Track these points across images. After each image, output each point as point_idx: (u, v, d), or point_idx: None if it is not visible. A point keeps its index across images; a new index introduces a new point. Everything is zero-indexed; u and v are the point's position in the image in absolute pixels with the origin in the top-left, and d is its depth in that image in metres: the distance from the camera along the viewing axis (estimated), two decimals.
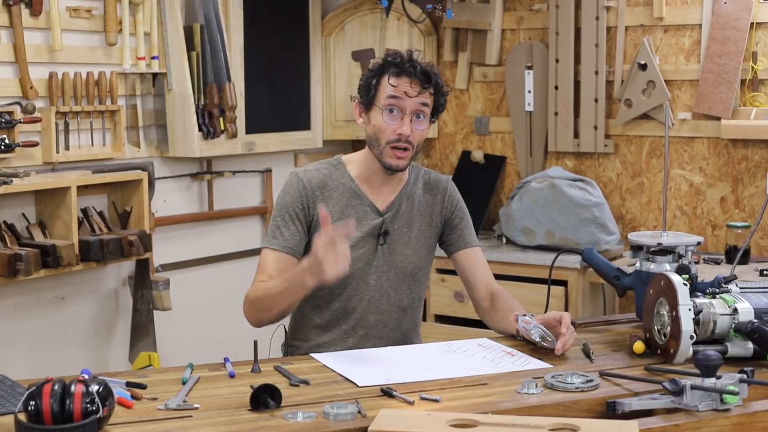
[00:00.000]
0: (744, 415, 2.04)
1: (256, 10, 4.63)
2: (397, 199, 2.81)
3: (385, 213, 2.78)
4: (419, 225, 2.83)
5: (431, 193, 2.88)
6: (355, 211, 2.75)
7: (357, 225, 2.72)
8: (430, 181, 2.90)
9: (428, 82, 2.70)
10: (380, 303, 2.78)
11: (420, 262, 2.83)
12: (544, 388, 2.20)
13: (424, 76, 2.69)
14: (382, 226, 2.77)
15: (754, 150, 4.41)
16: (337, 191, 2.76)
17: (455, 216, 2.89)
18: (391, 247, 2.78)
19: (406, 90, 2.68)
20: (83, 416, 1.83)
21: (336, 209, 2.73)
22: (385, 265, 2.77)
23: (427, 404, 2.11)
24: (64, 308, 3.98)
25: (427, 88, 2.70)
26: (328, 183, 2.76)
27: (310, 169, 2.79)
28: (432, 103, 2.73)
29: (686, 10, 4.50)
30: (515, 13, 4.92)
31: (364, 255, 2.74)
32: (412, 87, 2.68)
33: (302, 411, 2.03)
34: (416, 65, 2.70)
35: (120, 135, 4.04)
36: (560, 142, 4.81)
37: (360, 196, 2.77)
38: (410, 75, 2.68)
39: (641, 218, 4.71)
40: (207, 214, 4.59)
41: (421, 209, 2.84)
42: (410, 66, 2.69)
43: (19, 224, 3.74)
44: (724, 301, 2.45)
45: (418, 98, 2.69)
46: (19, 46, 3.68)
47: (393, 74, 2.69)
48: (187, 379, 2.27)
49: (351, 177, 2.79)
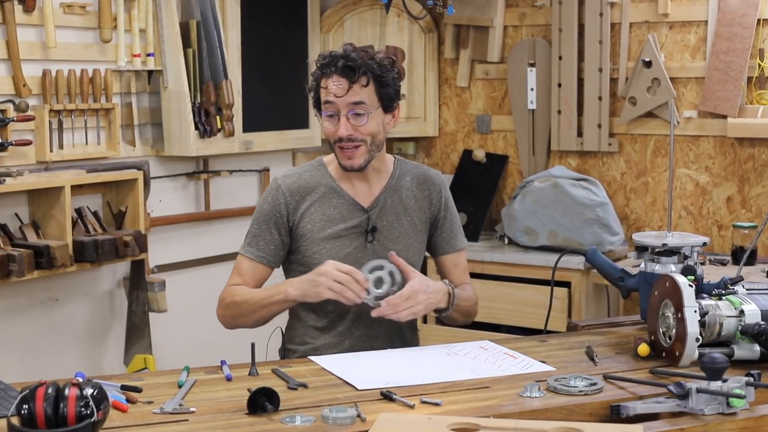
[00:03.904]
0: (751, 419, 2.04)
1: (253, 6, 4.62)
2: (382, 194, 2.78)
3: (370, 209, 2.76)
4: (410, 219, 2.81)
5: (421, 188, 2.84)
6: (338, 210, 2.74)
7: (341, 223, 2.73)
8: (420, 175, 2.86)
9: (353, 76, 2.62)
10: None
11: (413, 257, 2.80)
12: (547, 391, 2.20)
13: (346, 70, 2.62)
14: (369, 222, 2.75)
15: (761, 149, 4.40)
16: (319, 192, 2.75)
17: (443, 216, 2.87)
18: (381, 243, 2.75)
19: (334, 91, 2.63)
20: (77, 420, 1.82)
21: (318, 210, 2.73)
22: None
23: (427, 408, 2.10)
24: (58, 310, 3.97)
25: (356, 82, 2.62)
26: (309, 185, 2.76)
27: (290, 175, 2.79)
28: (370, 96, 2.65)
29: (692, 6, 4.50)
30: (518, 9, 4.92)
31: (352, 253, 2.73)
32: (338, 86, 2.63)
33: (301, 415, 2.03)
34: (337, 61, 2.63)
35: (115, 133, 4.04)
36: (563, 140, 4.80)
37: (342, 194, 2.76)
38: (334, 73, 2.63)
39: (646, 218, 4.70)
40: (203, 214, 4.58)
41: (410, 203, 2.81)
42: (332, 64, 2.64)
43: (12, 224, 3.73)
44: (731, 302, 2.44)
45: (347, 97, 2.63)
46: (12, 42, 3.66)
47: (324, 76, 2.66)
48: (183, 383, 2.27)
49: (332, 177, 2.78)
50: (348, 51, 2.65)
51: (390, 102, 2.70)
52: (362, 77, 2.62)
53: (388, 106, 2.70)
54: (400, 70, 2.76)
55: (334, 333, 2.76)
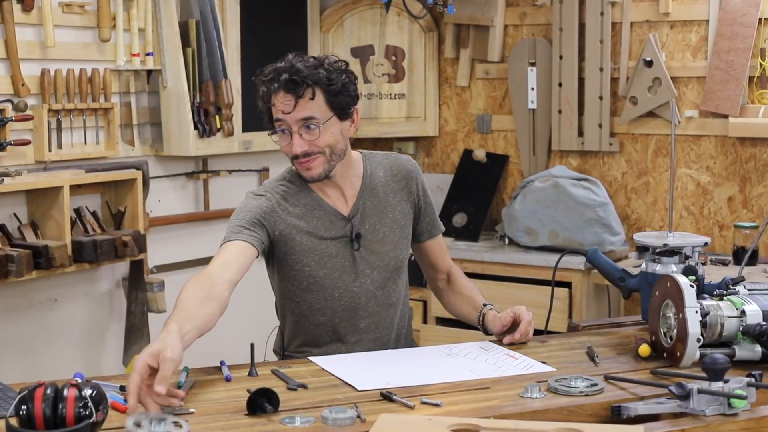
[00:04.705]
0: (752, 420, 2.03)
1: (252, 6, 4.62)
2: (360, 198, 2.69)
3: (351, 217, 2.67)
4: (392, 216, 2.73)
5: (396, 179, 2.75)
6: (321, 222, 2.64)
7: (326, 235, 2.63)
8: (392, 166, 2.76)
9: (299, 90, 2.48)
10: (369, 306, 2.70)
11: (401, 254, 2.74)
12: (548, 392, 2.19)
13: (290, 86, 2.49)
14: (352, 230, 2.66)
15: (762, 148, 4.39)
16: (299, 205, 2.64)
17: (424, 202, 2.80)
18: (367, 248, 2.68)
19: (281, 108, 2.51)
20: (76, 421, 1.82)
21: (302, 223, 2.62)
22: (367, 269, 2.68)
23: (427, 409, 2.09)
24: (57, 310, 3.96)
25: (302, 96, 2.49)
26: (290, 197, 2.64)
27: (270, 187, 2.66)
28: (320, 108, 2.52)
29: (693, 6, 4.49)
30: (518, 8, 4.91)
31: (339, 264, 2.65)
32: (285, 103, 2.50)
33: (300, 416, 2.02)
34: (280, 76, 2.49)
35: (114, 133, 4.03)
36: (564, 140, 4.79)
37: (323, 205, 2.65)
38: (279, 89, 2.50)
39: (647, 218, 4.69)
40: (203, 214, 4.57)
41: (389, 199, 2.73)
42: (275, 80, 2.50)
43: (11, 224, 3.72)
44: (732, 303, 2.43)
45: (296, 113, 2.50)
46: (11, 42, 3.66)
47: (270, 92, 2.54)
48: (183, 383, 2.26)
49: (309, 187, 2.66)
50: (293, 62, 2.52)
51: (344, 109, 2.57)
52: (307, 90, 2.49)
53: (343, 114, 2.57)
54: (352, 73, 2.60)
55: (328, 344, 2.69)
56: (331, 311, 2.67)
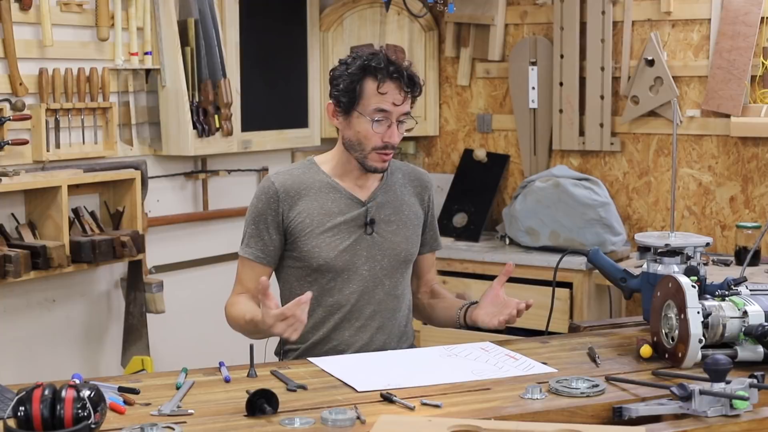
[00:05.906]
0: (754, 421, 2.04)
1: (252, 4, 4.61)
2: (379, 189, 2.80)
3: (368, 202, 2.77)
4: (407, 213, 2.84)
5: (413, 185, 2.89)
6: (336, 204, 2.74)
7: (339, 216, 2.73)
8: (410, 173, 2.91)
9: (414, 88, 2.68)
10: (375, 292, 2.77)
11: (412, 249, 2.85)
12: (549, 393, 2.20)
13: (410, 82, 2.67)
14: (367, 215, 2.75)
15: (764, 148, 4.38)
16: (314, 188, 2.75)
17: (431, 215, 2.94)
18: (381, 235, 2.77)
19: (393, 100, 2.65)
20: (74, 422, 1.83)
21: (315, 204, 2.73)
22: (378, 254, 2.76)
23: (428, 410, 2.10)
24: (55, 311, 3.96)
25: (411, 94, 2.69)
26: (304, 181, 2.76)
27: (282, 172, 2.79)
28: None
29: (694, 5, 4.48)
30: (519, 7, 4.91)
31: (351, 246, 2.73)
32: (399, 95, 2.66)
33: (300, 417, 2.04)
34: (403, 71, 2.66)
35: (112, 133, 4.02)
36: (565, 140, 4.79)
37: (338, 189, 2.76)
38: (397, 81, 2.65)
39: (648, 218, 4.68)
40: (201, 214, 4.56)
41: (405, 198, 2.84)
42: (396, 72, 2.65)
43: (8, 224, 3.72)
44: (734, 303, 2.44)
45: (403, 106, 2.67)
46: (9, 41, 3.65)
47: (380, 80, 2.64)
48: (181, 384, 2.27)
49: (326, 174, 2.78)
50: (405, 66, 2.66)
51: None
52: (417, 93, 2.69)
53: None
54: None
55: (332, 324, 2.75)
56: (338, 292, 2.74)
